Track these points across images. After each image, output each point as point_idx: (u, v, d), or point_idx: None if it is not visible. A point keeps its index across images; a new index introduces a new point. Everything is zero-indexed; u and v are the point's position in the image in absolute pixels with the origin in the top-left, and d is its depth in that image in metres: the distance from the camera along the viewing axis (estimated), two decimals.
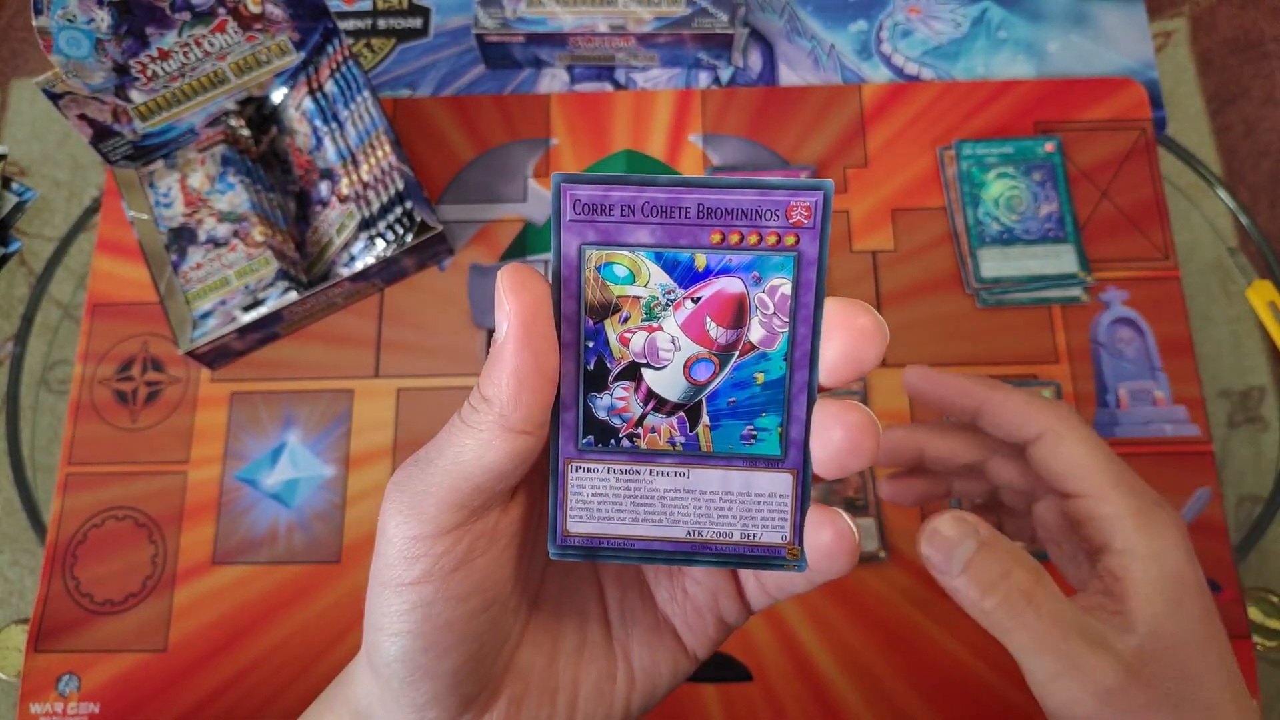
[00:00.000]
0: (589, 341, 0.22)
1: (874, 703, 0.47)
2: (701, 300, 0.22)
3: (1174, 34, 0.62)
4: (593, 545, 0.24)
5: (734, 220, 0.21)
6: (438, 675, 0.23)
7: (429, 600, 0.22)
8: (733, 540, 0.23)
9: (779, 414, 0.22)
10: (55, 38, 0.46)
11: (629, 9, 0.57)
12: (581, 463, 0.23)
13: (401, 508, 0.22)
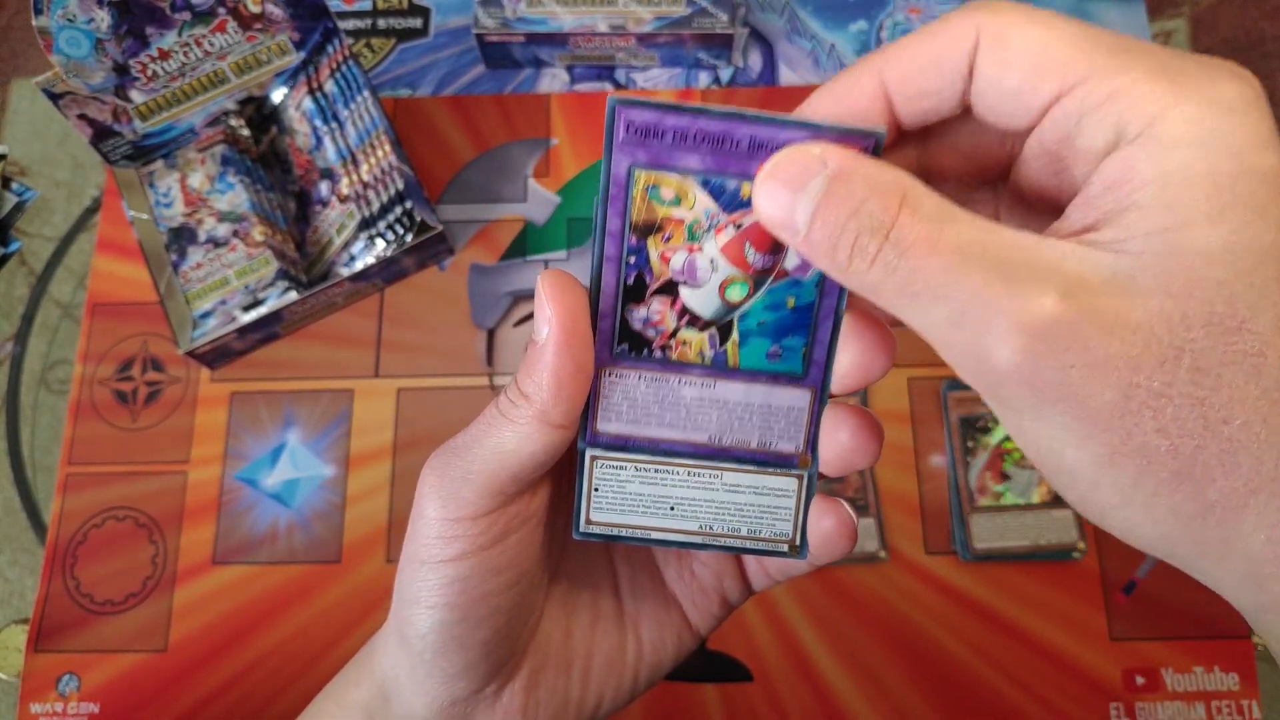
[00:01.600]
0: (631, 257, 0.23)
1: (874, 703, 0.47)
2: (743, 227, 0.22)
3: (1174, 34, 0.62)
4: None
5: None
6: (471, 646, 0.24)
7: (465, 575, 0.24)
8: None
9: (804, 335, 0.23)
10: (55, 38, 0.46)
11: (629, 9, 0.57)
12: (615, 368, 0.24)
13: (441, 492, 0.24)
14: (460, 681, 0.25)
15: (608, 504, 0.25)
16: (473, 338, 0.54)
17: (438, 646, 0.24)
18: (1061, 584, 0.48)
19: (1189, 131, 0.16)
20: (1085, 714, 0.46)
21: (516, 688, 0.26)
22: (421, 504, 0.24)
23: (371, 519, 0.51)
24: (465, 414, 0.52)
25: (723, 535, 0.25)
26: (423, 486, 0.24)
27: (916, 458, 0.51)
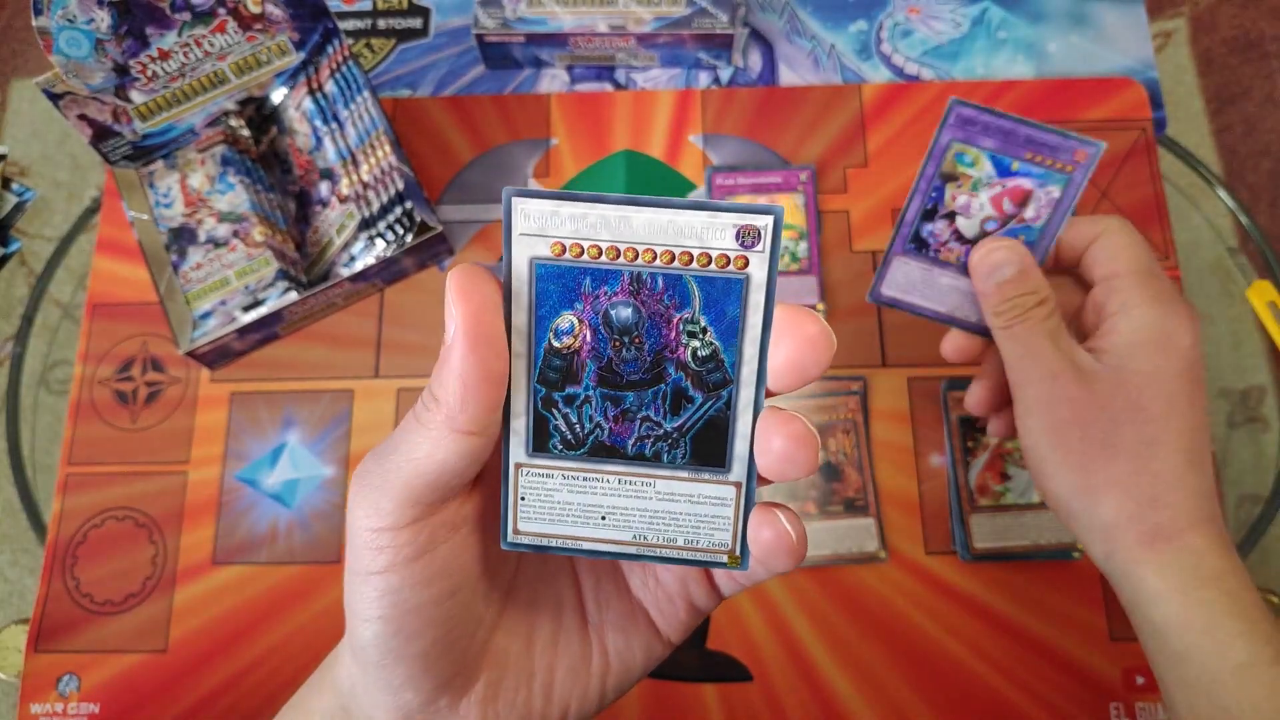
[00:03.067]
0: (933, 193, 0.32)
1: (873, 703, 0.47)
2: (1004, 189, 0.35)
3: (1174, 34, 0.62)
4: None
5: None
6: (408, 658, 0.24)
7: (395, 588, 0.23)
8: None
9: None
10: (55, 38, 0.46)
11: (629, 9, 0.57)
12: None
13: (363, 501, 0.23)
14: (406, 693, 0.24)
15: (535, 513, 0.24)
16: None
17: (378, 659, 0.24)
18: (1061, 584, 0.48)
19: (1142, 316, 0.34)
20: (1085, 714, 0.46)
21: (473, 700, 0.25)
22: (350, 513, 0.24)
23: None
24: None
25: (658, 545, 0.24)
26: (350, 494, 0.24)
27: (916, 458, 0.51)
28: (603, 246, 0.22)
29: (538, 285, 0.22)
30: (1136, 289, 0.34)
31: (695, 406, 0.23)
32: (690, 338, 0.23)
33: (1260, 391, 0.54)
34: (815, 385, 0.52)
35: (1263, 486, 0.52)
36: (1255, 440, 0.53)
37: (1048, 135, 0.37)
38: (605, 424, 0.23)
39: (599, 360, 0.23)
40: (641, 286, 0.22)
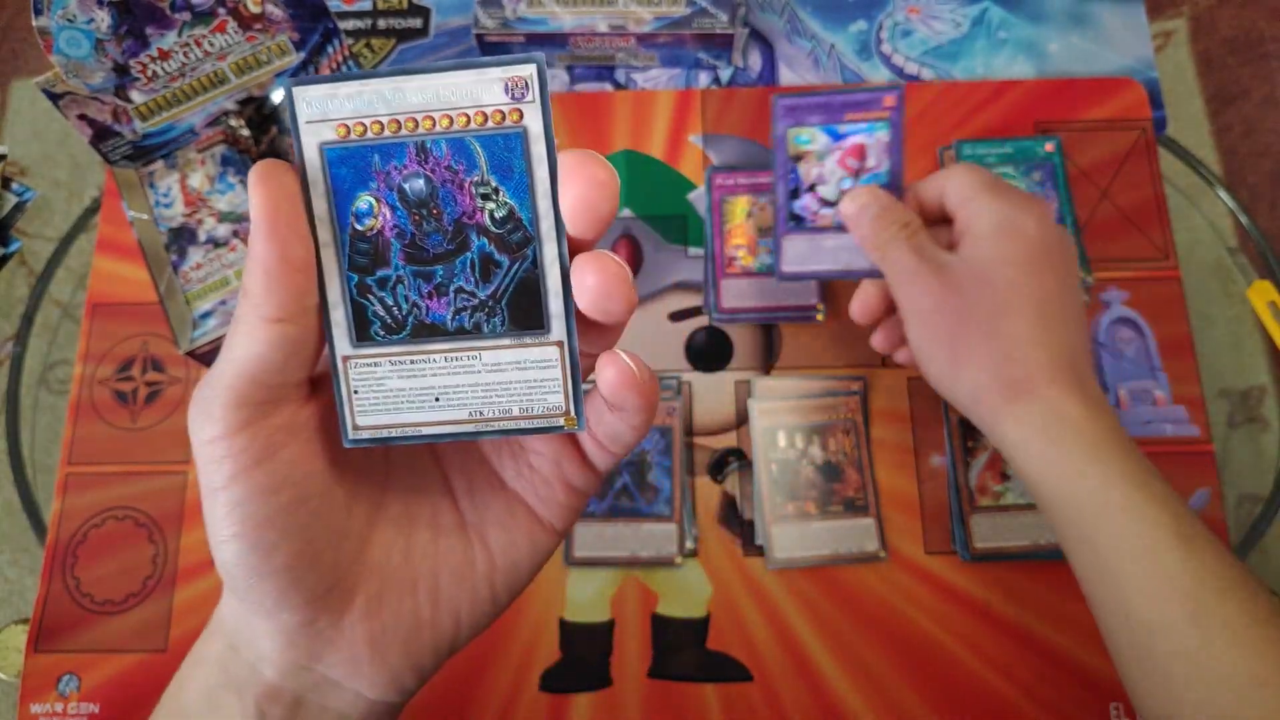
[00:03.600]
0: (790, 175, 0.38)
1: (873, 702, 0.47)
2: (844, 150, 0.43)
3: (1174, 34, 0.62)
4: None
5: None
6: (272, 573, 0.24)
7: (241, 499, 0.23)
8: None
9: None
10: (55, 38, 0.46)
11: (629, 9, 0.57)
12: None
13: (197, 413, 0.23)
14: (282, 614, 0.24)
15: (370, 405, 0.24)
16: None
17: (243, 580, 0.24)
18: (1061, 584, 0.48)
19: (984, 209, 0.40)
20: (1085, 714, 0.46)
21: (356, 616, 0.25)
22: (190, 432, 0.23)
23: None
24: None
25: (495, 419, 0.24)
26: (189, 412, 0.24)
27: (916, 458, 0.51)
28: (384, 121, 0.22)
29: (330, 170, 0.22)
30: (983, 195, 0.39)
31: (503, 270, 0.23)
32: (485, 200, 0.23)
33: (1260, 391, 0.54)
34: (815, 385, 0.52)
35: (1263, 486, 0.52)
36: (1255, 440, 0.53)
37: (856, 94, 0.44)
38: (421, 302, 0.23)
39: (403, 238, 0.23)
40: (428, 155, 0.22)
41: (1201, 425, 0.51)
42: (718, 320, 0.54)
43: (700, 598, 0.49)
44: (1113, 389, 0.52)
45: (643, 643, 0.48)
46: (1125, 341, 0.53)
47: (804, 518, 0.49)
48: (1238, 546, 0.50)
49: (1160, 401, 0.52)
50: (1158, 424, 0.51)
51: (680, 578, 0.49)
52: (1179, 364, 0.52)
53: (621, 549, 0.49)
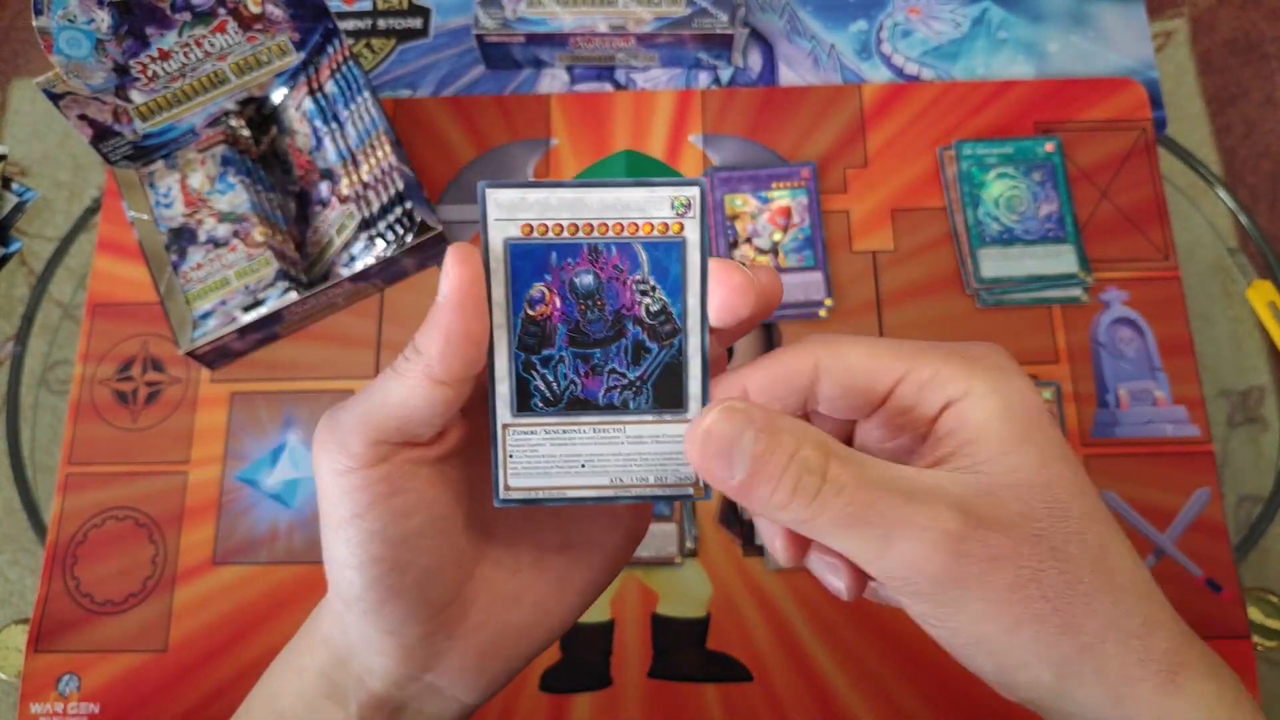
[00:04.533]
0: (729, 231, 0.31)
1: (873, 702, 0.47)
2: (771, 212, 0.35)
3: (1174, 34, 0.62)
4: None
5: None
6: (401, 592, 0.25)
7: (379, 527, 0.24)
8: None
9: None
10: (55, 38, 0.46)
11: (629, 9, 0.57)
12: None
13: (330, 445, 0.24)
14: (405, 629, 0.26)
15: (523, 469, 0.27)
16: None
17: (374, 601, 0.25)
18: None
19: (990, 392, 0.24)
20: None
21: (469, 628, 0.27)
22: (316, 464, 0.25)
23: None
24: None
25: (633, 485, 0.27)
26: (315, 444, 0.25)
27: None
28: (564, 224, 0.25)
29: (511, 262, 0.25)
30: (939, 360, 0.25)
31: (653, 355, 0.26)
32: (643, 295, 0.26)
33: (1260, 391, 0.54)
34: None
35: (1263, 486, 0.52)
36: (1255, 440, 0.53)
37: (778, 168, 0.55)
38: (578, 380, 0.26)
39: (568, 323, 0.26)
40: (599, 255, 0.26)
41: (1201, 425, 0.51)
42: None
43: (700, 598, 0.49)
44: (1113, 389, 0.52)
45: (643, 643, 0.48)
46: (1125, 341, 0.53)
47: None
48: (1238, 547, 0.50)
49: (1160, 401, 0.52)
50: (1158, 424, 0.51)
51: (680, 578, 0.49)
52: (1179, 364, 0.52)
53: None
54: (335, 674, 0.27)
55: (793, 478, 0.22)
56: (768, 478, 0.22)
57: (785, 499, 0.22)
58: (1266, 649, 0.48)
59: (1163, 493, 0.50)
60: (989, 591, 0.22)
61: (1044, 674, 0.23)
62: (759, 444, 0.22)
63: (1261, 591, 0.49)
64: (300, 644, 0.28)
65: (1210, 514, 0.49)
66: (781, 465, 0.22)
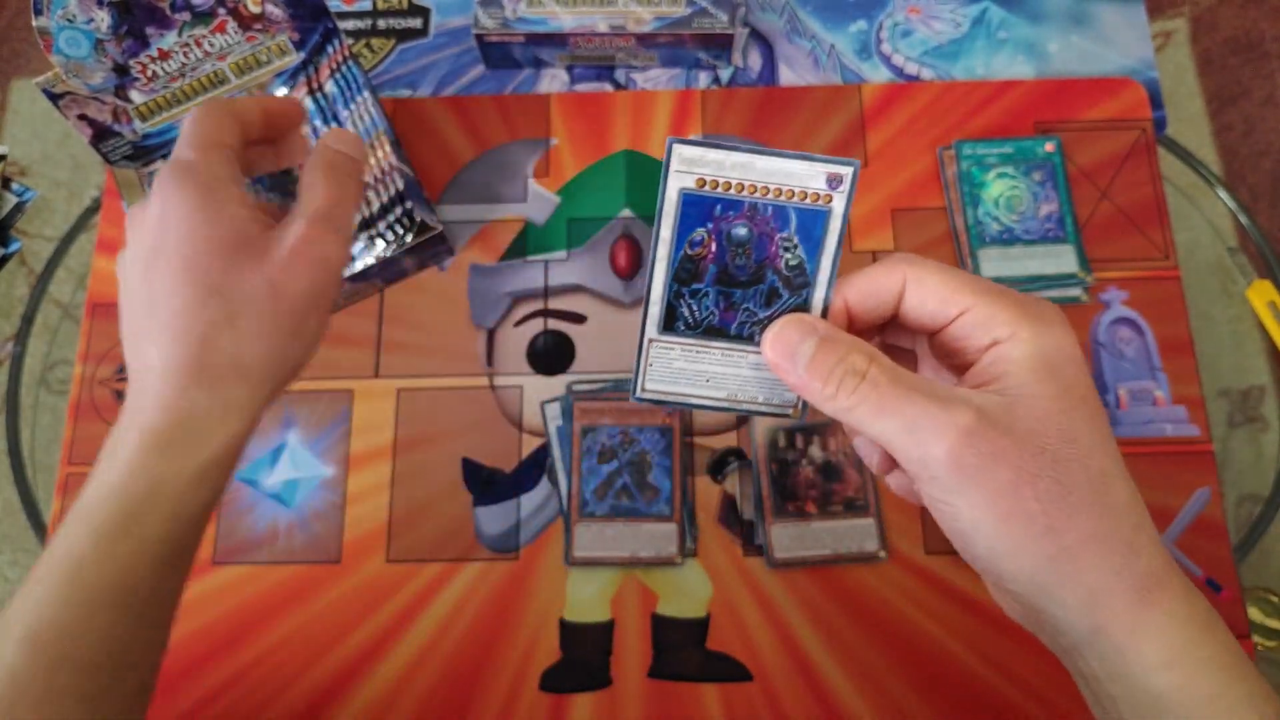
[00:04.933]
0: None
1: (873, 702, 0.47)
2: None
3: (1174, 34, 0.62)
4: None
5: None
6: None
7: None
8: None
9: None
10: (55, 38, 0.46)
11: (629, 9, 0.57)
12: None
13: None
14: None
15: (658, 376, 0.32)
16: (473, 338, 0.54)
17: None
18: None
19: (1032, 337, 0.28)
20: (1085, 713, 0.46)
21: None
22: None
23: (371, 519, 0.51)
24: (465, 414, 0.53)
25: (745, 402, 0.32)
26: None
27: None
28: (732, 182, 0.30)
29: (682, 208, 0.30)
30: (996, 307, 0.28)
31: (783, 300, 0.31)
32: (785, 251, 0.30)
33: (1260, 391, 0.54)
34: None
35: (1263, 486, 0.52)
36: (1255, 440, 0.53)
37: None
38: (717, 312, 0.31)
39: (719, 265, 0.31)
40: (756, 213, 0.30)
41: (1201, 425, 0.51)
42: None
43: (700, 598, 0.49)
44: (1113, 389, 0.52)
45: (643, 643, 0.48)
46: (1125, 341, 0.53)
47: (804, 518, 0.49)
48: (1238, 547, 0.50)
49: (1160, 401, 0.52)
50: (1158, 424, 0.51)
51: (680, 578, 0.49)
52: (1179, 364, 0.52)
53: (622, 549, 0.49)
54: (173, 444, 0.33)
55: (839, 375, 0.28)
56: (819, 374, 0.28)
57: (833, 391, 0.28)
58: (1266, 649, 0.48)
59: (1163, 493, 0.50)
60: (988, 483, 0.26)
61: (1026, 565, 0.27)
62: (816, 349, 0.28)
63: (1261, 591, 0.49)
64: (106, 463, 0.33)
65: (1210, 514, 0.49)
66: (830, 366, 0.28)
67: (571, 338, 0.54)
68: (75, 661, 0.31)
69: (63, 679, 0.31)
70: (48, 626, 0.31)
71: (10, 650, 0.30)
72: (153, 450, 0.33)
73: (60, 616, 0.31)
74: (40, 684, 0.30)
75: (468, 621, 0.49)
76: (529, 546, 0.50)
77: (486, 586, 0.49)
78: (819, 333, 0.29)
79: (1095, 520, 0.27)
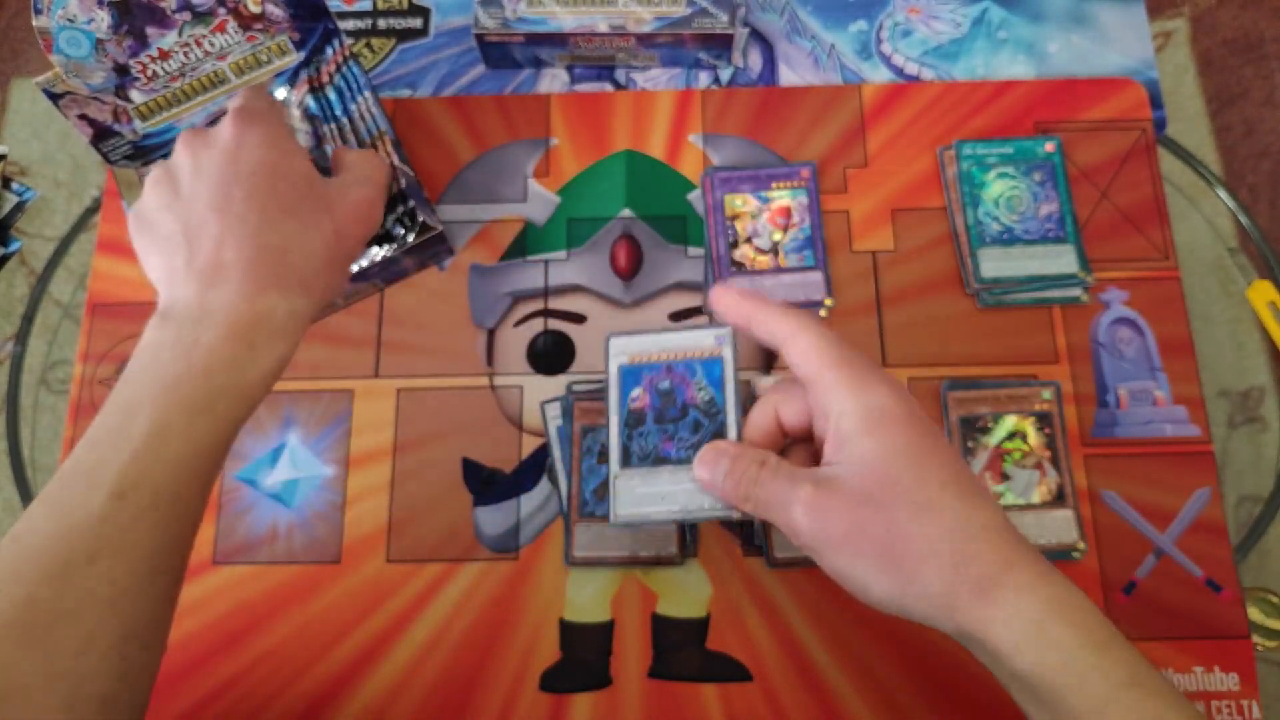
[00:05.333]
0: (729, 231, 0.48)
1: (873, 702, 0.47)
2: (772, 210, 0.50)
3: (1174, 34, 0.62)
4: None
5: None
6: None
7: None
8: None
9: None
10: (55, 38, 0.46)
11: (629, 9, 0.57)
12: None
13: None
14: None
15: (625, 502, 0.40)
16: (473, 338, 0.54)
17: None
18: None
19: (855, 406, 0.34)
20: None
21: None
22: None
23: (371, 519, 0.51)
24: (465, 414, 0.53)
25: (695, 510, 0.39)
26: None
27: None
28: (654, 355, 0.42)
29: (621, 378, 0.42)
30: (832, 385, 0.35)
31: (705, 428, 0.40)
32: (699, 392, 0.41)
33: (1260, 391, 0.54)
34: None
35: (1263, 486, 0.52)
36: (1255, 440, 0.53)
37: (778, 168, 0.56)
38: (659, 444, 0.41)
39: (654, 410, 0.41)
40: (672, 370, 0.41)
41: (1201, 425, 0.51)
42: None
43: (700, 598, 0.49)
44: (1113, 389, 0.52)
45: (643, 643, 0.48)
46: (1125, 341, 0.53)
47: None
48: (1238, 547, 0.50)
49: (1160, 401, 0.52)
50: (1158, 424, 0.51)
51: (680, 578, 0.49)
52: (1179, 364, 0.52)
53: (621, 549, 0.49)
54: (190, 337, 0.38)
55: (744, 482, 0.36)
56: (732, 486, 0.37)
57: (740, 494, 0.37)
58: (1266, 649, 0.48)
59: (1163, 493, 0.50)
60: (832, 536, 0.34)
61: (884, 591, 0.34)
62: (728, 469, 0.37)
63: (1261, 591, 0.49)
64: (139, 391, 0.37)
65: (1210, 514, 0.49)
66: (737, 477, 0.37)
67: (571, 338, 0.54)
68: (154, 516, 0.35)
69: (143, 529, 0.35)
70: (135, 482, 0.35)
71: (100, 500, 0.34)
72: (239, 341, 0.38)
73: (148, 474, 0.35)
74: (128, 533, 0.34)
75: (468, 621, 0.49)
76: (529, 546, 0.50)
77: (486, 586, 0.49)
78: (729, 455, 0.37)
79: (924, 543, 0.33)
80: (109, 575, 0.34)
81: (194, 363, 0.37)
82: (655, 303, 0.54)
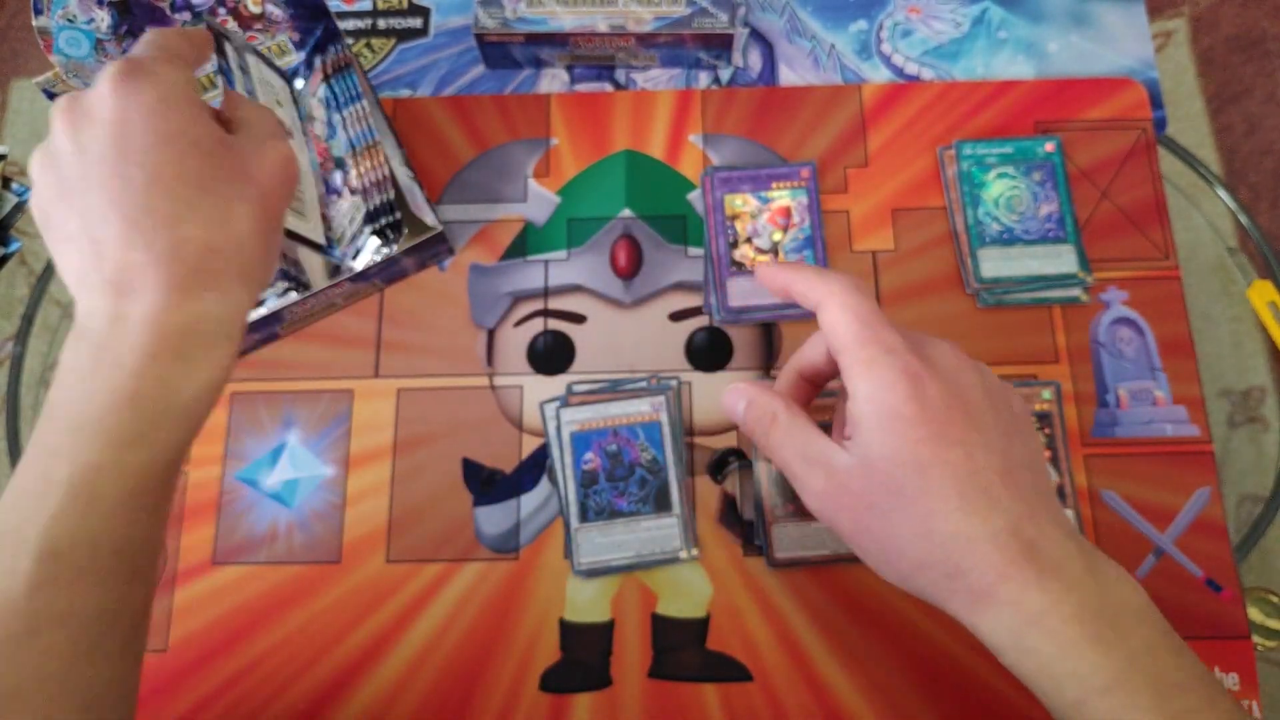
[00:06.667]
0: (729, 231, 0.53)
1: (873, 702, 0.47)
2: (772, 211, 0.55)
3: (1174, 34, 0.62)
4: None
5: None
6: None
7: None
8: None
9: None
10: (55, 38, 0.46)
11: (629, 9, 0.57)
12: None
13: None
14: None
15: (586, 552, 0.48)
16: (473, 338, 0.54)
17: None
18: None
19: (869, 393, 0.34)
20: None
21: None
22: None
23: (371, 519, 0.51)
24: (465, 414, 0.53)
25: (646, 555, 0.48)
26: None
27: None
28: (599, 423, 0.49)
29: (574, 445, 0.49)
30: (849, 366, 0.35)
31: (651, 484, 0.48)
32: (643, 452, 0.48)
33: (1260, 391, 0.54)
34: None
35: (1263, 486, 0.52)
36: (1255, 440, 0.53)
37: (778, 168, 0.56)
38: (612, 499, 0.48)
39: (605, 470, 0.49)
40: (618, 434, 0.49)
41: (1201, 425, 0.51)
42: (725, 320, 0.54)
43: (700, 598, 0.49)
44: (1113, 389, 0.52)
45: (643, 643, 0.48)
46: (1125, 341, 0.53)
47: (804, 517, 0.49)
48: (1238, 547, 0.50)
49: (1160, 401, 0.52)
50: (1158, 424, 0.51)
51: (680, 578, 0.49)
52: (1179, 364, 0.52)
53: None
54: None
55: (761, 420, 0.38)
56: (750, 420, 0.38)
57: (753, 436, 0.38)
58: (1266, 649, 0.48)
59: (1163, 493, 0.50)
60: (842, 530, 0.35)
61: (890, 579, 0.35)
62: (746, 407, 0.38)
63: (1261, 591, 0.49)
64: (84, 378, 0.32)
65: (1210, 514, 0.49)
66: (755, 414, 0.38)
67: (571, 338, 0.54)
68: (94, 573, 0.31)
69: (83, 590, 0.30)
70: (65, 540, 0.30)
71: (27, 567, 0.29)
72: (168, 357, 0.32)
73: (80, 529, 0.30)
74: (63, 598, 0.30)
75: (468, 621, 0.49)
76: (529, 546, 0.50)
77: (486, 587, 0.49)
78: (747, 396, 0.38)
79: (920, 553, 0.33)
80: (54, 649, 0.30)
81: (117, 389, 0.31)
82: (655, 303, 0.54)
